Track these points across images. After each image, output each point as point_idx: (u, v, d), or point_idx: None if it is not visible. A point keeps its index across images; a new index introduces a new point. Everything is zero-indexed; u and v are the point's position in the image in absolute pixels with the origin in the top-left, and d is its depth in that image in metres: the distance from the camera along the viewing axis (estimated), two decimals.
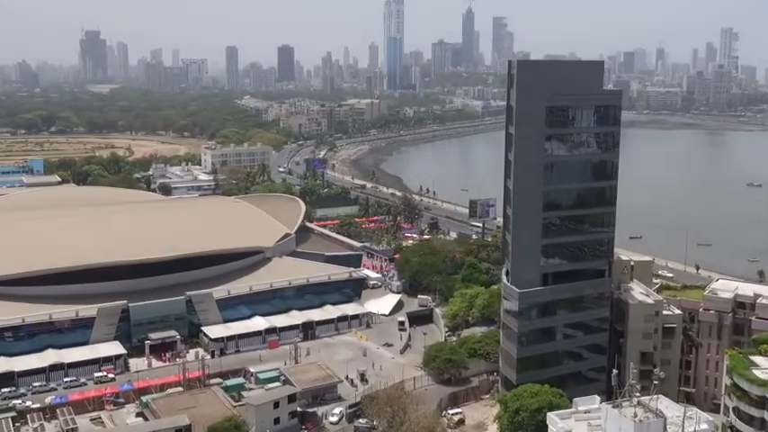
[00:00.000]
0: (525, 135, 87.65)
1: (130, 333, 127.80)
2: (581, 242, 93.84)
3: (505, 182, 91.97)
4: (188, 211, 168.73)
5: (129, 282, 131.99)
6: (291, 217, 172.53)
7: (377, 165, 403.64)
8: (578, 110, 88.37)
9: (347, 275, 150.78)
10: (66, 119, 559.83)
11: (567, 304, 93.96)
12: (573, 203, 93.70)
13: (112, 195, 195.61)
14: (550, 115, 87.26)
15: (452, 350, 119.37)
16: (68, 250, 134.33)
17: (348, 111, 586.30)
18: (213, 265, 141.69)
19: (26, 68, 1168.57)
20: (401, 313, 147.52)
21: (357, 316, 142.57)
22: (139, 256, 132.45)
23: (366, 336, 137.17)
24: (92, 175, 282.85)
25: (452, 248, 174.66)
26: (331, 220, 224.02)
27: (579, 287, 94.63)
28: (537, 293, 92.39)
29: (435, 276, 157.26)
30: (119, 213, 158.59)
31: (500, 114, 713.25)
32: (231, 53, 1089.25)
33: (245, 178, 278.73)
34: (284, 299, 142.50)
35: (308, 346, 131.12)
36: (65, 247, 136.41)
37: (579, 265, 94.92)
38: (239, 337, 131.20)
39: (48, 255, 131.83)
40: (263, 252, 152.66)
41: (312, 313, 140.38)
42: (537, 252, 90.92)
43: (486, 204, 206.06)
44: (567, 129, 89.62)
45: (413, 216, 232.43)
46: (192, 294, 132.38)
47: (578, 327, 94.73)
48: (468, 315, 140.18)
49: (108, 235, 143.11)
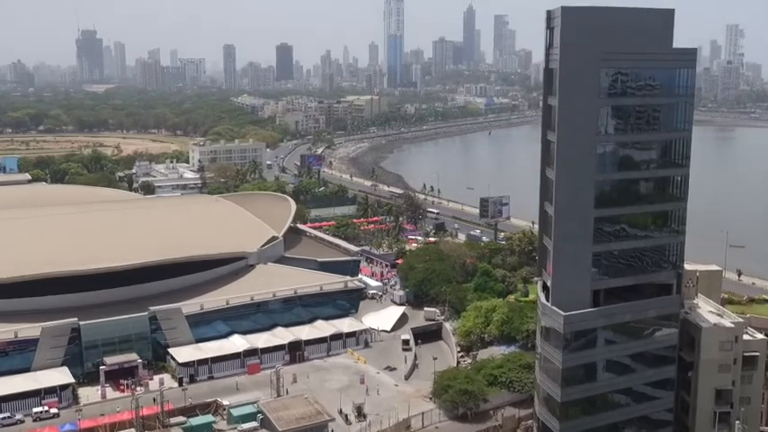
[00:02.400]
0: (572, 107, 65.78)
1: (82, 357, 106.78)
2: (642, 249, 71.54)
3: (543, 170, 70.78)
4: (161, 212, 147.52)
5: (81, 295, 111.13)
6: (280, 218, 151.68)
7: (377, 162, 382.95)
8: (642, 74, 67.37)
9: (342, 285, 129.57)
10: (55, 117, 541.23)
11: (625, 330, 71.82)
12: (634, 198, 71.58)
13: (82, 195, 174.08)
14: (606, 81, 66.10)
15: (468, 378, 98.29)
16: (10, 258, 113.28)
17: (347, 107, 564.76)
18: (185, 274, 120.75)
19: (21, 68, 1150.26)
20: (405, 329, 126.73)
21: (354, 333, 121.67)
22: (94, 265, 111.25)
23: (364, 358, 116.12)
24: (69, 173, 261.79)
25: (463, 253, 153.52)
26: (326, 221, 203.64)
27: (641, 307, 72.01)
28: (587, 317, 69.53)
29: (444, 285, 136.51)
30: (81, 215, 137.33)
31: (503, 112, 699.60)
32: (229, 52, 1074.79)
33: (234, 176, 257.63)
34: (268, 314, 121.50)
35: (294, 370, 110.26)
36: (6, 254, 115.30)
37: (640, 278, 72.38)
38: (213, 361, 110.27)
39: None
40: (246, 258, 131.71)
41: (301, 330, 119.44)
42: (586, 262, 68.79)
43: (498, 203, 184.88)
44: (627, 98, 68.39)
45: (416, 216, 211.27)
46: (157, 310, 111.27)
47: (640, 358, 72.36)
48: (483, 332, 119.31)
49: (62, 239, 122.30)
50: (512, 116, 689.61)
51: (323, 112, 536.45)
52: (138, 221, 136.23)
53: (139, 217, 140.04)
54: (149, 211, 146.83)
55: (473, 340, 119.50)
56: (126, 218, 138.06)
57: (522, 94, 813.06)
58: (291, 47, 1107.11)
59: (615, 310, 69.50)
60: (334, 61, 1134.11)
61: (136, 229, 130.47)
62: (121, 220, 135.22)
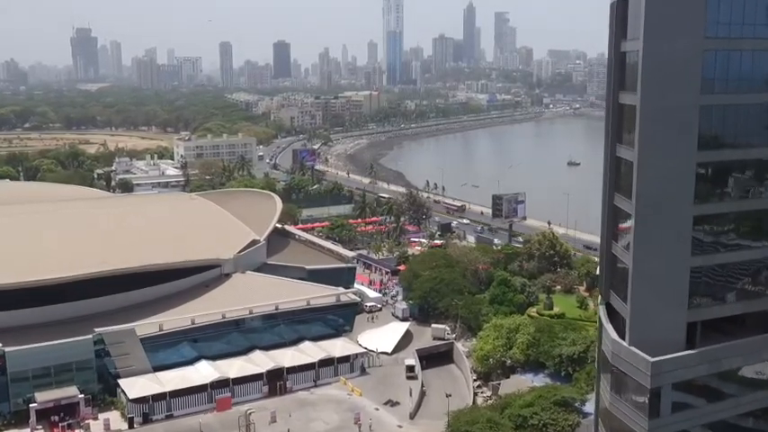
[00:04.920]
0: (663, 53, 44.33)
1: (8, 392, 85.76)
2: (758, 262, 48.87)
3: (612, 149, 49.18)
4: (122, 213, 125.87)
5: (9, 315, 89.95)
6: (264, 218, 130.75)
7: (376, 159, 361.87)
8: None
9: (335, 299, 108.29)
10: (41, 114, 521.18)
11: (736, 379, 49.49)
12: (746, 186, 48.77)
13: (38, 193, 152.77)
14: (707, 13, 44.62)
15: (491, 422, 77.04)
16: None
17: (345, 103, 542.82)
18: (141, 287, 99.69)
19: (14, 67, 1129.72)
20: (409, 351, 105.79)
21: (347, 358, 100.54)
22: (25, 278, 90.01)
23: (360, 390, 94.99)
24: (41, 170, 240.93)
25: (474, 258, 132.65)
26: (320, 221, 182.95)
27: (758, 346, 48.92)
28: (685, 362, 46.68)
29: (455, 297, 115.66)
30: (21, 216, 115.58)
31: (506, 108, 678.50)
32: (225, 49, 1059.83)
33: (220, 173, 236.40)
34: (244, 334, 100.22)
35: (274, 406, 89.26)
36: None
37: (751, 304, 49.30)
38: (173, 395, 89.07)
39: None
40: (219, 267, 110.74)
41: (283, 355, 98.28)
42: (682, 282, 46.31)
43: (513, 200, 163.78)
44: (736, 40, 45.83)
45: (419, 216, 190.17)
46: (105, 331, 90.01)
47: (757, 417, 50.34)
48: (505, 356, 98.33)
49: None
50: (515, 112, 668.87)
51: (320, 107, 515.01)
52: (92, 224, 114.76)
53: (95, 218, 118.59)
54: (108, 212, 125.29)
55: (492, 366, 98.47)
56: (78, 220, 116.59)
57: (525, 90, 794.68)
58: (289, 44, 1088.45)
59: (722, 352, 47.60)
60: (332, 59, 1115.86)
61: (86, 234, 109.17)
62: (71, 223, 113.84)
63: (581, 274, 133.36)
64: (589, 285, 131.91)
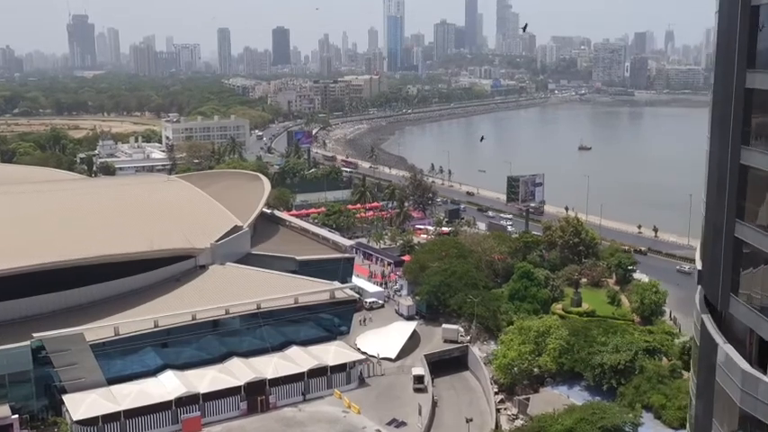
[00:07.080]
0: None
1: None
2: None
3: (733, 153, 31.66)
4: (85, 197, 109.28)
5: None
6: (250, 202, 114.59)
7: (377, 144, 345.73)
8: None
9: (329, 295, 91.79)
10: (32, 99, 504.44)
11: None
12: None
13: (8, 176, 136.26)
14: None
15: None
16: None
17: (344, 88, 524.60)
18: (95, 282, 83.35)
19: (10, 54, 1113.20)
20: (417, 356, 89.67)
21: (343, 366, 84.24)
22: None
23: (358, 407, 78.66)
24: (16, 153, 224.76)
25: (489, 247, 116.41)
26: (315, 207, 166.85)
27: None
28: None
29: (469, 292, 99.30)
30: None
31: (511, 94, 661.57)
32: (223, 35, 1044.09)
33: (209, 156, 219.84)
34: (219, 338, 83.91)
35: (254, 428, 73.16)
36: None
37: None
38: (128, 415, 72.83)
39: None
40: (194, 257, 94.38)
41: (266, 364, 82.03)
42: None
43: (531, 182, 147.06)
44: None
45: (424, 202, 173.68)
46: (46, 336, 73.54)
47: None
48: (533, 364, 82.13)
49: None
50: (520, 98, 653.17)
51: (318, 92, 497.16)
52: (46, 209, 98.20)
53: (50, 202, 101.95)
54: (70, 195, 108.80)
55: (517, 376, 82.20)
56: (30, 204, 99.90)
57: (529, 76, 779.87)
58: (288, 30, 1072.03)
59: None
60: (332, 46, 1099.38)
61: (36, 220, 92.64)
62: (20, 207, 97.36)
63: (610, 265, 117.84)
64: (620, 278, 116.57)
